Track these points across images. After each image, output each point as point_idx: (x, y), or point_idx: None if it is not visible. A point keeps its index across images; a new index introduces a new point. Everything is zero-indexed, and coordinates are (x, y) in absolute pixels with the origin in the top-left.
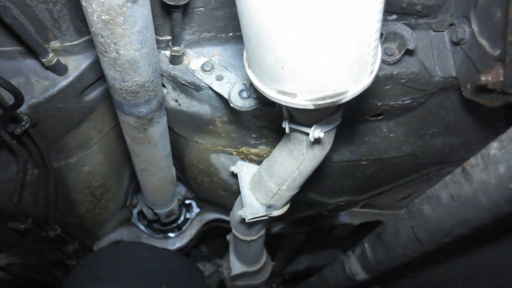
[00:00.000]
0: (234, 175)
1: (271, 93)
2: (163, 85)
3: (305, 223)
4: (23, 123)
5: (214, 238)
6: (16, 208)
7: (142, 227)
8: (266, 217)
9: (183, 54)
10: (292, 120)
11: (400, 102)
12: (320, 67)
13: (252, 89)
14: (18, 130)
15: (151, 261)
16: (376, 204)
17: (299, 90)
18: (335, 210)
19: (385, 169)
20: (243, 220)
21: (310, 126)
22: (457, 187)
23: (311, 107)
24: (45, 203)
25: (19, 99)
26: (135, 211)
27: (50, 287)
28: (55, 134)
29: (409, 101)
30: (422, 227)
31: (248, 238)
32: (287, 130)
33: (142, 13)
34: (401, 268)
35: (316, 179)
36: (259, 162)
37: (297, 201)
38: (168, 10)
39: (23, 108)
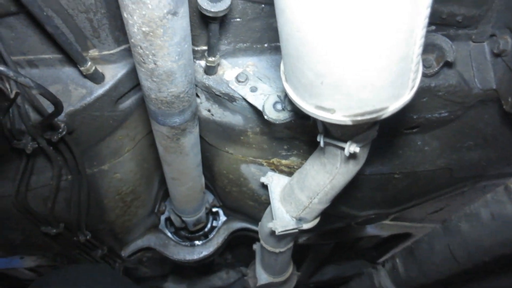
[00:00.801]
0: (264, 186)
1: (309, 108)
2: (197, 95)
3: (332, 234)
4: (60, 130)
5: (240, 246)
6: (49, 212)
7: (169, 234)
8: (296, 230)
9: (218, 64)
10: (327, 134)
11: (436, 115)
12: (361, 84)
13: (286, 102)
14: (55, 137)
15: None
16: (407, 217)
17: (338, 105)
18: (364, 223)
19: (418, 183)
20: (272, 233)
21: (345, 141)
22: (499, 206)
23: (349, 123)
24: (77, 208)
25: (58, 108)
26: (162, 217)
27: None
28: (89, 141)
29: (446, 114)
30: (459, 244)
31: (277, 250)
32: (321, 144)
33: (181, 25)
34: (434, 284)
35: (346, 191)
36: (289, 174)
37: (327, 213)
38: (205, 21)
39: (61, 115)
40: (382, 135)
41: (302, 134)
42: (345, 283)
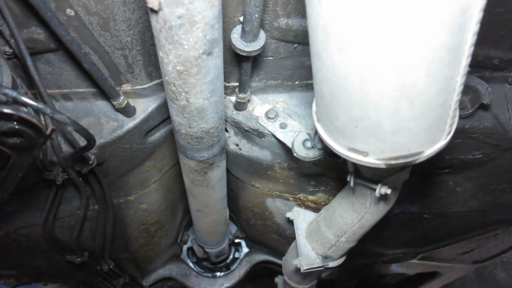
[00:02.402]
0: (289, 221)
1: (341, 150)
2: (226, 130)
3: (357, 271)
4: (90, 162)
5: (261, 277)
6: (75, 241)
7: (191, 264)
8: (321, 268)
9: (249, 100)
10: (358, 174)
11: (470, 156)
12: (397, 129)
13: (316, 139)
14: (85, 169)
15: None
16: (435, 257)
17: (371, 149)
18: (391, 261)
19: (448, 224)
20: (297, 270)
21: (376, 182)
22: None
23: (383, 166)
24: (102, 238)
25: (91, 143)
26: (185, 247)
27: None
28: (117, 173)
29: (480, 156)
30: None
31: (300, 287)
32: (351, 185)
33: (215, 64)
34: None
35: (374, 229)
36: (316, 210)
37: (353, 250)
38: (238, 58)
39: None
40: (413, 175)
41: (330, 170)
42: None
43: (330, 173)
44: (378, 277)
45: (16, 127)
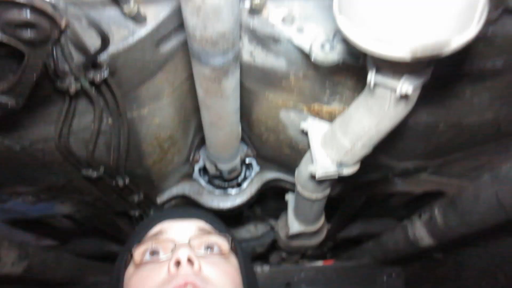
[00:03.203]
0: (303, 133)
1: (364, 41)
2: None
3: (365, 188)
4: (103, 69)
5: (269, 199)
6: (90, 155)
7: (203, 183)
8: (336, 175)
9: (264, 4)
10: (378, 73)
11: (489, 64)
12: (424, 13)
13: (335, 41)
14: (98, 77)
15: None
16: (445, 172)
17: (397, 39)
18: (401, 175)
19: (462, 135)
20: (312, 177)
21: (397, 80)
22: None
23: (408, 58)
24: (117, 152)
25: (105, 42)
26: (196, 167)
27: (112, 237)
28: (130, 85)
29: (500, 65)
30: (509, 192)
31: (314, 196)
32: (371, 84)
33: None
34: (474, 235)
35: (388, 141)
36: (330, 120)
37: (365, 163)
38: None
39: (103, 57)
40: (430, 83)
41: (347, 78)
42: (372, 240)
43: (347, 81)
44: (385, 197)
45: (30, 16)
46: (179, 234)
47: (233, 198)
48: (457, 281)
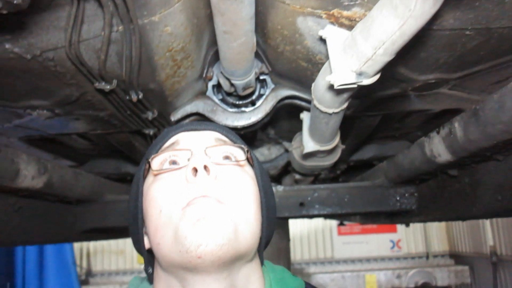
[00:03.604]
0: (321, 43)
1: None
2: None
3: (382, 105)
4: None
5: (282, 121)
6: (102, 66)
7: (217, 101)
8: (355, 86)
9: None
10: None
11: None
12: None
13: None
14: None
15: None
16: (466, 87)
17: None
18: (421, 89)
19: (490, 42)
20: (329, 87)
21: None
22: None
23: None
24: (129, 63)
25: None
26: (210, 84)
27: (129, 158)
28: None
29: None
30: None
31: (330, 111)
32: None
33: None
34: (494, 148)
35: (409, 50)
36: (350, 28)
37: (384, 75)
38: None
39: None
40: None
41: None
42: (386, 160)
43: None
44: (401, 117)
45: None
46: (195, 143)
47: (248, 116)
48: (471, 198)
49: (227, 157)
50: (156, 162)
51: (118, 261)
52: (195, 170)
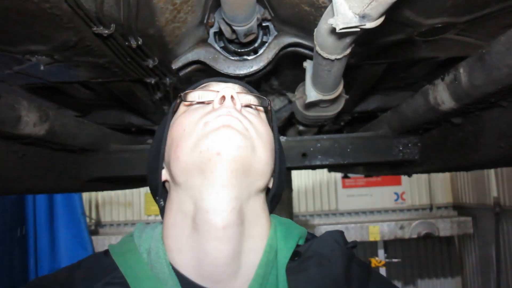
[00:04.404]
0: None
1: None
2: None
3: (387, 52)
4: None
5: (286, 71)
6: (99, 9)
7: (218, 48)
8: (358, 29)
9: None
10: None
11: None
12: None
13: None
14: None
15: None
16: (473, 31)
17: None
18: (428, 34)
19: None
20: (332, 32)
21: None
22: None
23: None
24: (127, 6)
25: None
26: (211, 31)
27: (132, 109)
28: None
29: None
30: None
31: (333, 57)
32: None
33: None
34: (499, 94)
35: None
36: None
37: (389, 20)
38: None
39: None
40: None
41: None
42: (390, 110)
43: None
44: (406, 66)
45: None
46: (225, 88)
47: (250, 64)
48: (474, 146)
49: (251, 105)
50: (188, 95)
51: (126, 213)
52: (223, 99)
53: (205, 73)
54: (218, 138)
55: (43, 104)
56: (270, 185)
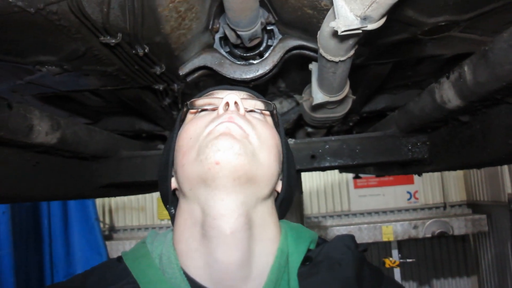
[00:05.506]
0: None
1: None
2: None
3: (392, 51)
4: None
5: (293, 73)
6: (106, 19)
7: (224, 53)
8: (360, 31)
9: None
10: None
11: None
12: None
13: None
14: None
15: None
16: (478, 28)
17: None
18: (431, 33)
19: None
20: (334, 34)
21: None
22: None
23: None
24: (133, 16)
25: None
26: (217, 36)
27: (142, 115)
28: None
29: None
30: None
31: (337, 59)
32: None
33: None
34: (504, 91)
35: None
36: None
37: (391, 19)
38: None
39: None
40: None
41: None
42: (398, 109)
43: None
44: (413, 65)
45: None
46: (230, 95)
47: (256, 68)
48: (482, 144)
49: (256, 110)
50: (195, 103)
51: (139, 217)
52: (227, 105)
53: (212, 78)
54: (217, 147)
55: (54, 112)
56: (279, 189)
